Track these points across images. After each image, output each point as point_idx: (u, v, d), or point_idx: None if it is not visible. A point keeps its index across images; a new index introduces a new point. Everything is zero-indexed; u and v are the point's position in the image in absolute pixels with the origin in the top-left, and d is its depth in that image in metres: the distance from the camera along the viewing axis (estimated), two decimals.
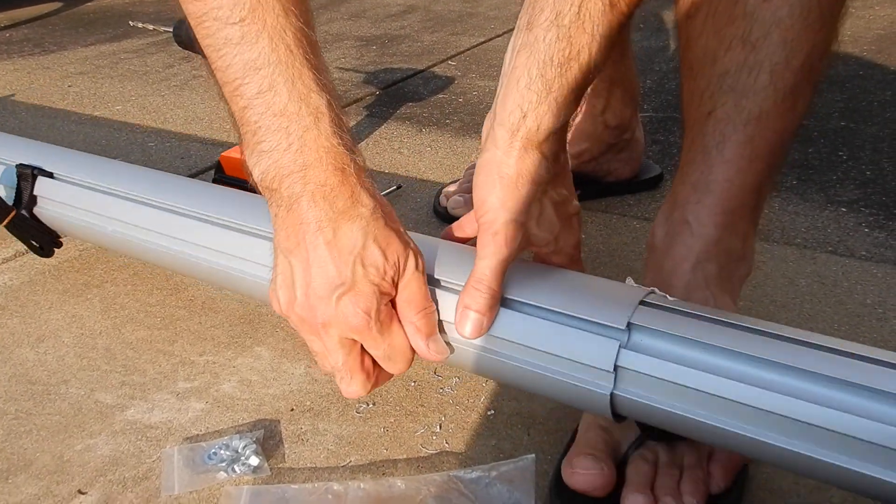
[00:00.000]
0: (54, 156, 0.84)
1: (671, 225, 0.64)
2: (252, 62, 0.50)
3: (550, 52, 0.53)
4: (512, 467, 0.56)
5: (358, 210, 0.51)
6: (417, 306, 0.53)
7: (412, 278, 0.53)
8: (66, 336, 0.78)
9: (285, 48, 0.50)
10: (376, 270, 0.51)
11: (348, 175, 0.51)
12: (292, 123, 0.50)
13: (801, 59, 0.57)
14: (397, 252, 0.52)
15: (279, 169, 0.51)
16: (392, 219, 0.54)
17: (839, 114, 1.31)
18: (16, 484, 0.59)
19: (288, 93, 0.50)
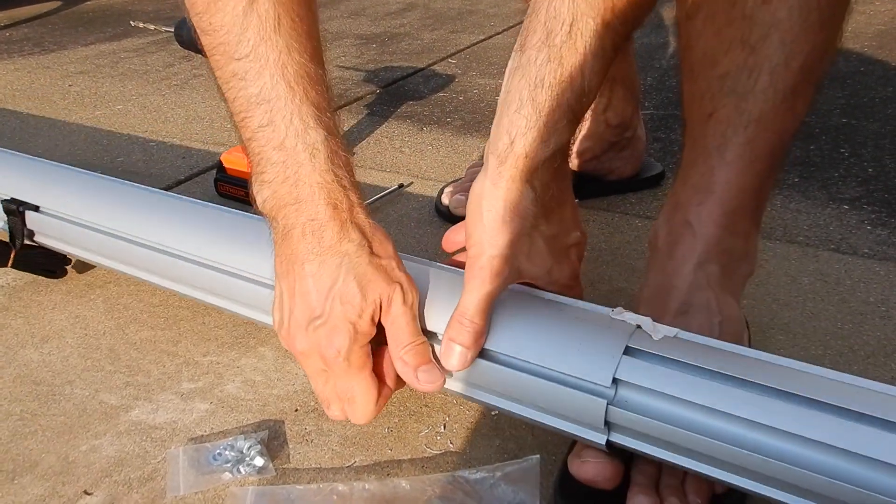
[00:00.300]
0: (38, 188, 0.82)
1: (673, 226, 0.64)
2: (254, 97, 0.52)
3: (541, 74, 0.52)
4: (517, 468, 0.56)
5: (343, 246, 0.52)
6: (402, 342, 0.53)
7: (398, 314, 0.53)
8: (69, 337, 0.78)
9: (285, 85, 0.51)
10: (352, 308, 0.51)
11: (340, 211, 0.52)
12: (289, 158, 0.52)
13: (801, 61, 0.57)
14: (378, 290, 0.52)
15: (277, 199, 0.53)
16: (384, 253, 0.54)
17: (840, 110, 1.31)
18: (21, 485, 0.59)
19: (285, 129, 0.51)
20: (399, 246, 0.93)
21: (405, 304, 0.53)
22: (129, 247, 0.72)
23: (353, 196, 0.53)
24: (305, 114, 0.51)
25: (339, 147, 0.53)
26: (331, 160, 0.52)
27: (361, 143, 1.30)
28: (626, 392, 0.48)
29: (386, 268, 0.53)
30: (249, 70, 0.51)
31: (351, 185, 0.54)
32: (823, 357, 0.70)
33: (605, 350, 0.49)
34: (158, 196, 0.76)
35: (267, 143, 0.52)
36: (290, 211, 0.52)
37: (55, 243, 0.81)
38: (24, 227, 0.81)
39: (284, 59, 0.51)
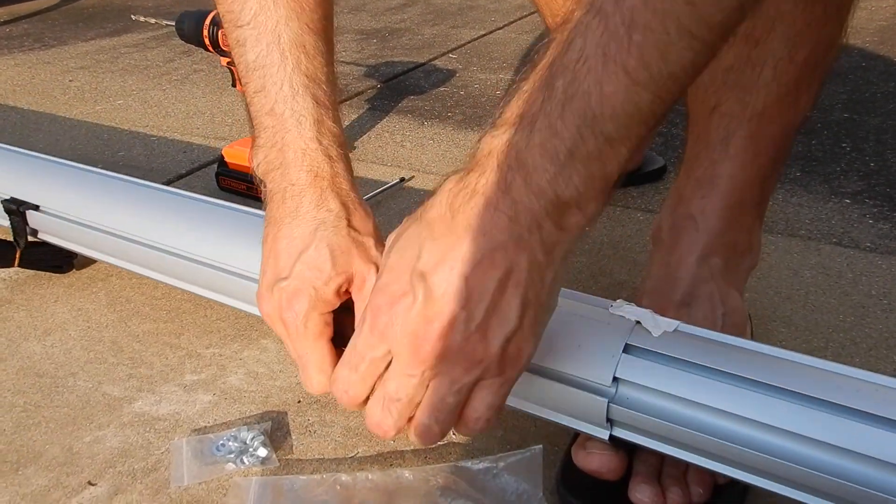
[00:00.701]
0: (37, 186, 0.81)
1: (676, 219, 0.64)
2: (251, 63, 0.53)
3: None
4: (519, 458, 0.56)
5: (321, 213, 0.52)
6: None
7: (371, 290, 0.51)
8: (72, 329, 0.78)
9: (279, 53, 0.52)
10: (319, 274, 0.50)
11: (320, 179, 0.52)
12: (277, 123, 0.52)
13: (805, 55, 0.57)
14: (353, 263, 0.51)
15: (268, 164, 0.53)
16: (363, 229, 0.53)
17: (842, 105, 1.31)
18: (26, 475, 0.60)
19: (275, 95, 0.52)
20: None
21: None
22: (129, 245, 0.73)
23: (337, 167, 0.53)
24: (296, 82, 0.52)
25: (328, 117, 0.53)
26: (317, 129, 0.52)
27: (362, 138, 1.30)
28: (626, 390, 0.48)
29: (364, 244, 0.52)
30: (249, 37, 0.53)
31: (338, 157, 0.53)
32: (825, 350, 0.70)
33: (604, 349, 0.49)
34: (158, 193, 0.76)
35: (260, 108, 0.53)
36: (275, 175, 0.53)
37: (58, 241, 0.81)
38: (26, 226, 0.81)
39: (281, 29, 0.52)
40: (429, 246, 0.39)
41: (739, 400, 0.45)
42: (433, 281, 0.38)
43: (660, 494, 0.53)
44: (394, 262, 0.41)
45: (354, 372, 0.43)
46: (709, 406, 0.46)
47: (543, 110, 0.36)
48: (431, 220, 0.40)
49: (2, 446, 0.63)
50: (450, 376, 0.40)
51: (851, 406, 0.42)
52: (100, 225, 0.75)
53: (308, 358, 0.52)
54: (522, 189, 0.37)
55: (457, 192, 0.39)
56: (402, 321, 0.39)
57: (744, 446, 0.45)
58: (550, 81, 0.36)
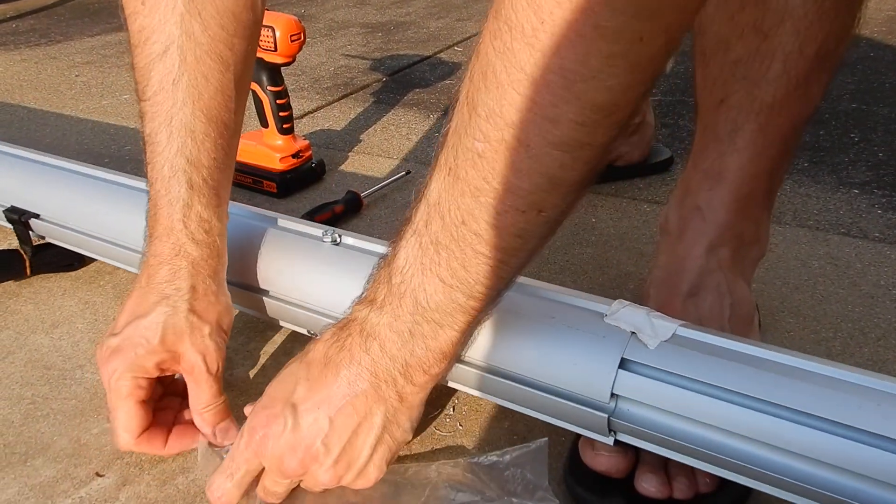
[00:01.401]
0: (37, 195, 0.81)
1: (683, 211, 0.64)
2: (146, 136, 0.58)
3: None
4: (525, 451, 0.56)
5: (168, 289, 0.55)
6: (204, 402, 0.57)
7: (202, 379, 0.56)
8: (79, 322, 0.78)
9: (167, 135, 0.56)
10: (145, 343, 0.55)
11: (180, 258, 0.56)
12: (156, 197, 0.57)
13: (815, 48, 0.57)
14: (181, 345, 0.55)
15: (147, 228, 0.58)
16: (206, 317, 0.56)
17: (850, 96, 1.30)
18: (34, 467, 0.60)
19: (157, 172, 0.56)
20: None
21: (209, 372, 0.56)
22: (129, 254, 0.73)
23: (201, 251, 0.56)
24: (175, 165, 0.55)
25: (199, 203, 0.56)
26: (183, 212, 0.56)
27: (368, 131, 1.30)
28: (625, 405, 0.49)
29: (200, 330, 0.56)
30: (147, 112, 0.56)
31: (202, 242, 0.56)
32: (834, 340, 0.70)
33: (600, 366, 0.49)
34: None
35: (149, 177, 0.57)
36: (147, 242, 0.57)
37: (64, 245, 0.82)
38: (29, 234, 0.82)
39: (174, 112, 0.55)
40: (304, 383, 0.48)
41: (736, 417, 0.45)
42: (301, 414, 0.47)
43: (666, 485, 0.53)
44: (273, 389, 0.50)
45: (230, 480, 0.51)
46: (706, 423, 0.46)
47: (387, 300, 0.46)
48: (310, 361, 0.49)
49: (10, 438, 0.63)
50: (308, 484, 0.51)
51: (849, 424, 0.42)
52: (101, 234, 0.75)
53: (115, 414, 0.56)
54: (379, 353, 0.47)
55: (331, 343, 0.48)
56: (273, 444, 0.48)
57: (742, 460, 0.45)
58: (389, 278, 0.46)
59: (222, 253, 0.59)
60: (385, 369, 0.47)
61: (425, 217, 0.43)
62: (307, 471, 0.50)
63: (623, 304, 0.51)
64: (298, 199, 1.05)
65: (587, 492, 0.54)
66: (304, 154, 1.07)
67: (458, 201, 0.41)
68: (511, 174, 0.39)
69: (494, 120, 0.38)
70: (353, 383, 0.47)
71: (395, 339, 0.46)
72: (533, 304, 0.53)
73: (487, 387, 0.54)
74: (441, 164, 0.42)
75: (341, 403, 0.47)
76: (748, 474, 0.46)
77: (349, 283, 0.58)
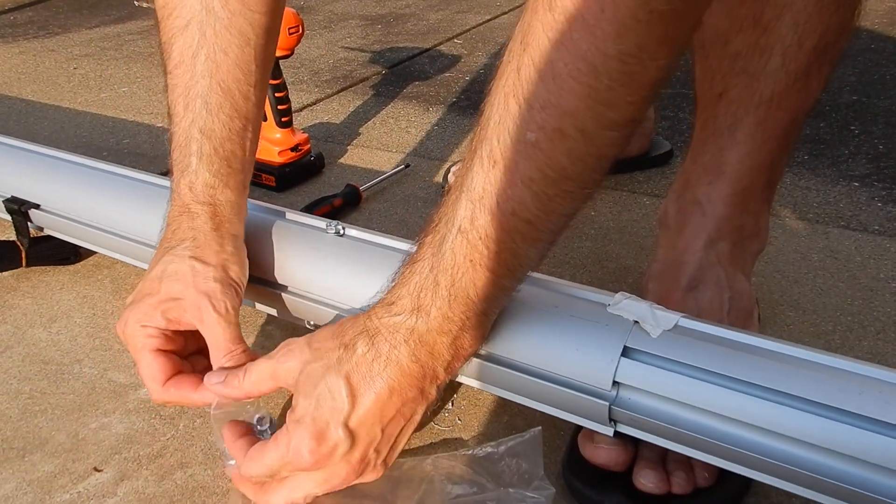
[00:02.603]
0: (37, 185, 0.81)
1: (682, 204, 0.64)
2: (168, 107, 0.60)
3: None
4: (519, 440, 0.56)
5: (173, 243, 0.57)
6: (221, 349, 0.54)
7: (211, 322, 0.54)
8: (77, 317, 0.78)
9: (182, 106, 0.58)
10: (150, 296, 0.55)
11: (188, 216, 0.57)
12: (174, 161, 0.59)
13: (815, 41, 0.56)
14: (179, 291, 0.54)
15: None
16: (211, 260, 0.56)
17: (851, 88, 1.30)
18: (32, 462, 0.60)
19: (175, 139, 0.59)
20: (406, 226, 0.93)
21: (216, 312, 0.54)
22: (131, 244, 0.72)
23: (204, 210, 0.57)
24: (189, 135, 0.58)
25: (208, 171, 0.58)
26: (190, 178, 0.58)
27: (367, 124, 1.29)
28: (627, 393, 0.48)
29: (203, 274, 0.55)
30: (169, 84, 0.59)
31: (204, 202, 0.58)
32: (833, 333, 0.69)
33: (602, 354, 0.49)
34: (158, 190, 0.73)
35: (170, 144, 0.60)
36: (170, 201, 0.60)
37: (62, 236, 0.81)
38: (28, 225, 0.81)
39: (190, 85, 0.58)
40: (349, 400, 0.47)
41: (739, 405, 0.45)
42: (357, 432, 0.47)
43: (664, 479, 0.52)
44: (313, 408, 0.47)
45: (262, 475, 0.50)
46: (708, 410, 0.46)
47: (434, 303, 0.46)
48: (348, 374, 0.47)
49: (8, 433, 0.63)
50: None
51: (849, 410, 0.42)
52: (101, 225, 0.75)
53: (139, 367, 0.56)
54: (428, 358, 0.47)
55: (373, 358, 0.47)
56: (332, 469, 0.48)
57: (744, 448, 0.45)
58: (435, 281, 0.45)
59: (230, 214, 0.59)
60: (432, 370, 0.47)
61: (470, 213, 0.43)
62: (353, 478, 0.50)
63: (625, 296, 0.50)
64: (297, 193, 1.05)
65: (586, 486, 0.54)
66: (302, 147, 1.07)
67: (507, 192, 0.42)
68: (565, 160, 0.40)
69: (550, 110, 0.39)
70: (404, 393, 0.47)
71: (445, 342, 0.47)
72: (536, 294, 0.53)
73: (488, 376, 0.54)
74: (483, 157, 0.42)
75: (392, 414, 0.48)
76: (750, 463, 0.45)
77: (354, 273, 0.58)
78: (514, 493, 0.52)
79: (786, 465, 0.44)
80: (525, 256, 0.45)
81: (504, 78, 0.41)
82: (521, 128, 0.40)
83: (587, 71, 0.37)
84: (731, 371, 0.46)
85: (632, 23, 0.36)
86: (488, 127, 0.42)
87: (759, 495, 0.54)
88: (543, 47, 0.38)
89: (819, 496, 0.44)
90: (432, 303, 0.46)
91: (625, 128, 0.41)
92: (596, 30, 0.36)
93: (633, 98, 0.39)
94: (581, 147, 0.40)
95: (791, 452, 0.44)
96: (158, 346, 0.54)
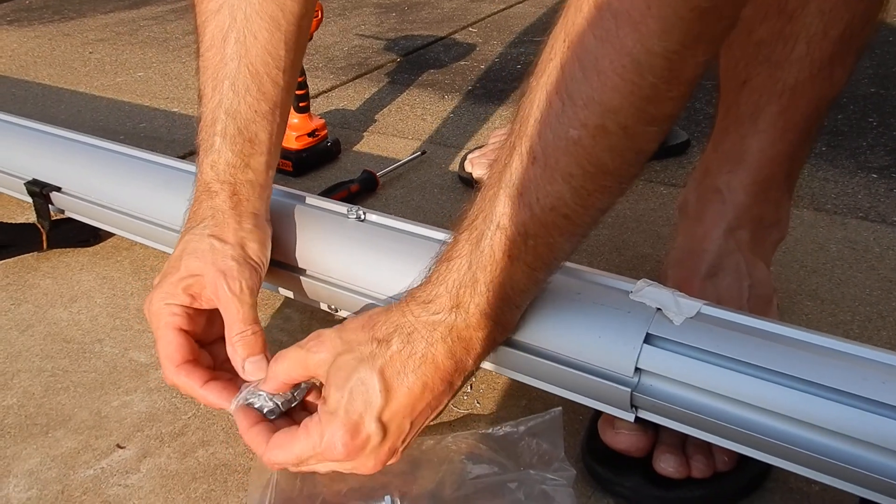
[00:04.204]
0: (59, 168, 0.82)
1: (702, 192, 0.64)
2: (199, 89, 0.61)
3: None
4: (539, 421, 0.56)
5: (194, 222, 0.57)
6: (235, 328, 0.54)
7: (227, 300, 0.54)
8: (98, 297, 0.79)
9: (211, 87, 0.59)
10: (173, 273, 0.55)
11: (208, 194, 0.58)
12: (200, 140, 0.60)
13: (840, 30, 0.56)
14: (197, 268, 0.55)
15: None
16: (229, 238, 0.56)
17: (869, 80, 1.29)
18: (56, 438, 0.60)
19: (202, 118, 0.60)
20: (422, 212, 0.94)
21: (231, 291, 0.54)
22: (151, 227, 0.73)
23: (224, 189, 0.58)
24: (215, 116, 0.59)
25: (231, 151, 0.58)
26: (213, 157, 0.58)
27: (383, 111, 1.29)
28: (649, 380, 0.48)
29: (220, 252, 0.55)
30: (199, 67, 0.60)
31: (225, 182, 0.58)
32: (851, 323, 0.69)
33: (625, 340, 0.49)
34: (181, 174, 0.74)
35: (198, 125, 0.61)
36: (195, 181, 0.60)
37: (83, 219, 0.82)
38: (49, 207, 0.82)
39: (219, 67, 0.59)
40: (383, 395, 0.47)
41: (761, 392, 0.45)
42: (389, 426, 0.47)
43: (684, 464, 0.53)
44: (346, 401, 0.47)
45: (289, 462, 0.50)
46: (730, 397, 0.46)
47: (473, 300, 0.46)
48: (381, 370, 0.47)
49: (31, 409, 0.64)
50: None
51: (870, 397, 0.42)
52: (121, 207, 0.75)
53: (157, 344, 0.55)
54: (463, 354, 0.47)
55: (408, 356, 0.47)
56: (362, 460, 0.48)
57: (766, 435, 0.45)
58: (474, 279, 0.46)
59: (250, 193, 0.59)
60: (464, 364, 0.48)
61: (509, 210, 0.44)
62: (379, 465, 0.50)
63: (647, 283, 0.51)
64: (314, 178, 1.05)
65: (605, 469, 0.54)
66: (319, 133, 1.07)
67: (546, 188, 0.42)
68: (606, 156, 0.41)
69: (593, 107, 0.39)
70: (435, 388, 0.48)
71: (480, 336, 0.47)
72: (559, 281, 0.53)
73: (511, 362, 0.54)
74: (523, 153, 0.43)
75: (422, 408, 0.48)
76: (771, 450, 0.46)
77: (375, 258, 0.59)
78: (534, 474, 0.52)
79: (806, 452, 0.44)
80: (560, 250, 0.46)
81: (546, 75, 0.41)
82: (564, 125, 0.41)
83: (632, 67, 0.38)
84: (753, 358, 0.46)
85: (676, 20, 0.36)
86: (528, 123, 0.42)
87: (778, 481, 0.54)
88: (588, 44, 0.39)
89: (838, 482, 0.45)
90: (471, 300, 0.46)
91: (665, 123, 0.41)
92: (641, 26, 0.37)
93: (674, 94, 0.39)
94: (622, 143, 0.41)
95: (812, 439, 0.44)
96: (180, 324, 0.55)
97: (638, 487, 0.53)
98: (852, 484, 0.44)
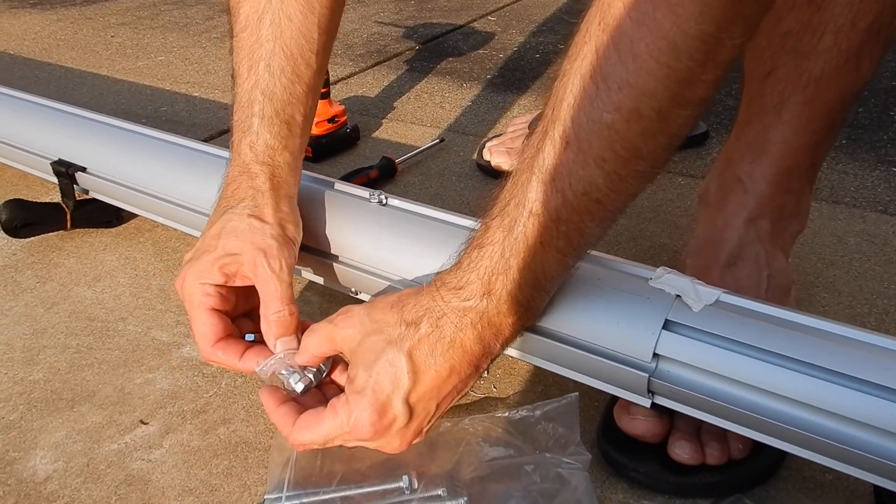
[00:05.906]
0: (84, 148, 0.83)
1: (724, 181, 0.64)
2: (233, 69, 0.61)
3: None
4: (556, 405, 0.57)
5: (233, 202, 0.57)
6: (272, 307, 0.54)
7: (265, 278, 0.54)
8: (121, 276, 0.80)
9: (247, 68, 0.60)
10: (211, 252, 0.55)
11: (248, 176, 0.58)
12: (235, 122, 0.60)
13: (869, 20, 0.56)
14: (236, 247, 0.55)
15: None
16: (268, 218, 0.56)
17: (890, 73, 1.28)
18: (81, 412, 0.62)
19: (237, 99, 0.60)
20: (440, 199, 0.94)
21: (271, 269, 0.55)
22: (175, 208, 0.74)
23: (262, 169, 0.58)
24: (252, 97, 0.59)
25: (268, 132, 0.59)
26: (251, 139, 0.58)
27: (401, 98, 1.30)
28: (666, 366, 0.49)
29: (260, 231, 0.55)
30: (234, 47, 0.61)
31: (263, 162, 0.58)
32: (869, 315, 0.70)
33: (644, 326, 0.49)
34: (206, 156, 0.75)
35: (232, 107, 0.61)
36: (226, 168, 0.60)
37: (107, 199, 0.83)
38: (74, 187, 0.83)
39: (254, 48, 0.59)
40: (411, 377, 0.47)
41: (778, 379, 0.45)
42: (415, 408, 0.48)
43: (699, 451, 0.53)
44: (373, 381, 0.48)
45: (316, 443, 0.50)
46: (747, 384, 0.46)
47: (505, 287, 0.46)
48: (410, 352, 0.47)
49: (57, 384, 0.65)
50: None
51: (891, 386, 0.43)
52: (146, 188, 0.76)
53: (192, 324, 0.56)
54: (492, 339, 0.48)
55: (437, 339, 0.47)
56: (387, 439, 0.49)
57: (781, 422, 0.46)
58: (508, 264, 0.46)
59: (287, 176, 0.59)
60: (492, 349, 0.48)
61: (542, 195, 0.44)
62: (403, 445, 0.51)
63: (667, 270, 0.51)
64: (333, 164, 1.06)
65: (621, 454, 0.55)
66: (339, 119, 1.08)
67: (579, 173, 0.42)
68: (639, 140, 0.41)
69: (628, 91, 0.40)
70: (462, 371, 0.48)
71: (510, 322, 0.48)
72: (580, 269, 0.54)
73: (530, 347, 0.54)
74: (556, 138, 0.43)
75: (448, 391, 0.49)
76: (787, 437, 0.46)
77: (397, 242, 0.60)
78: (550, 457, 0.53)
79: (821, 439, 0.44)
80: (591, 235, 0.46)
81: (580, 59, 0.41)
82: (598, 108, 0.41)
83: (668, 50, 0.38)
84: (770, 345, 0.46)
85: (713, 2, 0.37)
86: (561, 108, 0.42)
87: (792, 469, 0.54)
88: (625, 27, 0.39)
89: (853, 470, 0.45)
90: (503, 287, 0.46)
91: (698, 107, 0.41)
92: (679, 9, 0.37)
93: (708, 77, 0.39)
94: (655, 127, 0.41)
95: (827, 426, 0.45)
96: (214, 304, 0.55)
97: (652, 473, 0.54)
98: (867, 471, 0.44)
